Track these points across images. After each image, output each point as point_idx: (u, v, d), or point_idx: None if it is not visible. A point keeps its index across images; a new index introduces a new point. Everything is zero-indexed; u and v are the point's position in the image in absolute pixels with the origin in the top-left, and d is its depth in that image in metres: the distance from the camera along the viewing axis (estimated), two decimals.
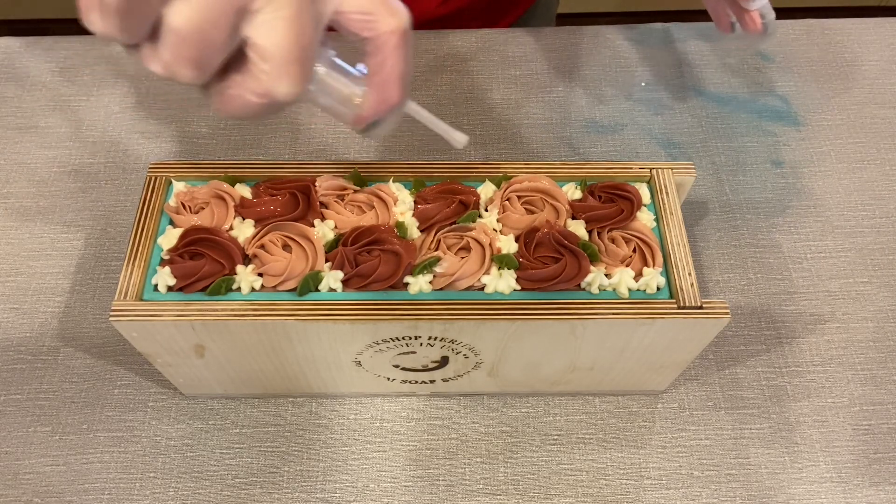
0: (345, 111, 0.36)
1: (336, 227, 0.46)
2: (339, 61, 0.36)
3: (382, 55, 0.34)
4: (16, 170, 0.66)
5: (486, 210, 0.48)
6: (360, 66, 0.36)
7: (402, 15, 0.34)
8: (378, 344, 0.46)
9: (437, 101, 0.72)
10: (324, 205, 0.47)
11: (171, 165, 0.48)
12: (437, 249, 0.45)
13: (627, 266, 0.45)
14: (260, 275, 0.44)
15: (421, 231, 0.46)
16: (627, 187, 0.48)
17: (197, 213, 0.46)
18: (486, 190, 0.48)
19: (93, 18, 0.28)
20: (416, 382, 0.53)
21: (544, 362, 0.49)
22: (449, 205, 0.46)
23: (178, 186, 0.47)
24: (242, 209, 0.46)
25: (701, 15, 0.66)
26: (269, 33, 0.30)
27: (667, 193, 0.48)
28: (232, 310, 0.42)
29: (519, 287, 0.44)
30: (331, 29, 0.34)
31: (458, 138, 0.40)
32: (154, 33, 0.29)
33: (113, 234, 0.62)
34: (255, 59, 0.31)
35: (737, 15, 0.58)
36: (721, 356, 0.58)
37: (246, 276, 0.43)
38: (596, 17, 1.78)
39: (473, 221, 0.46)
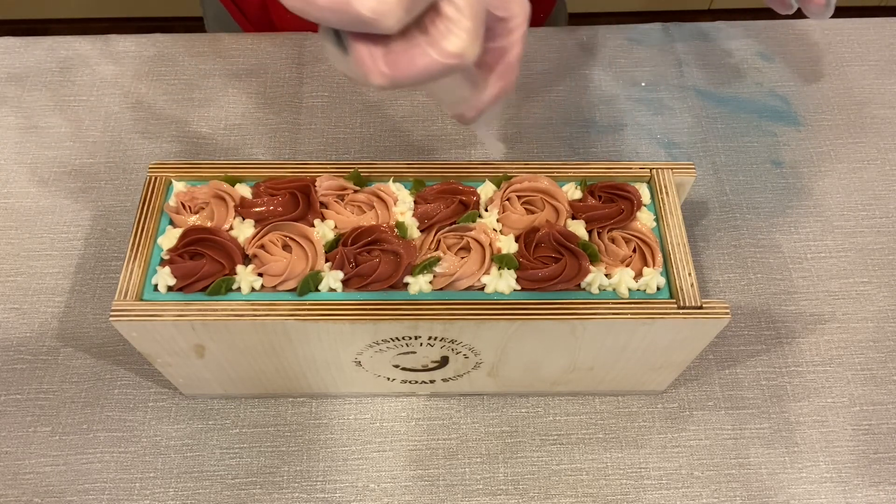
0: (463, 96, 0.35)
1: (336, 227, 0.46)
2: None
3: (510, 40, 0.33)
4: (16, 170, 0.66)
5: (486, 210, 0.48)
6: None
7: (528, 6, 0.33)
8: (378, 344, 0.46)
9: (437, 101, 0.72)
10: (324, 205, 0.47)
11: (171, 165, 0.48)
12: (437, 249, 0.45)
13: (627, 266, 0.45)
14: (260, 275, 0.44)
15: (421, 231, 0.46)
16: (627, 187, 0.48)
17: (197, 213, 0.46)
18: (486, 190, 0.48)
19: None
20: (416, 382, 0.53)
21: (544, 362, 0.49)
22: (449, 205, 0.46)
23: (178, 186, 0.47)
24: (242, 209, 0.46)
25: (701, 15, 0.66)
26: None
27: (667, 193, 0.48)
28: (232, 310, 0.42)
29: (519, 287, 0.44)
30: None
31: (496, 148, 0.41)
32: None
33: (113, 234, 0.62)
34: (455, 16, 0.29)
35: None
36: (721, 356, 0.58)
37: (246, 276, 0.43)
38: (596, 16, 1.78)
39: (473, 221, 0.46)
